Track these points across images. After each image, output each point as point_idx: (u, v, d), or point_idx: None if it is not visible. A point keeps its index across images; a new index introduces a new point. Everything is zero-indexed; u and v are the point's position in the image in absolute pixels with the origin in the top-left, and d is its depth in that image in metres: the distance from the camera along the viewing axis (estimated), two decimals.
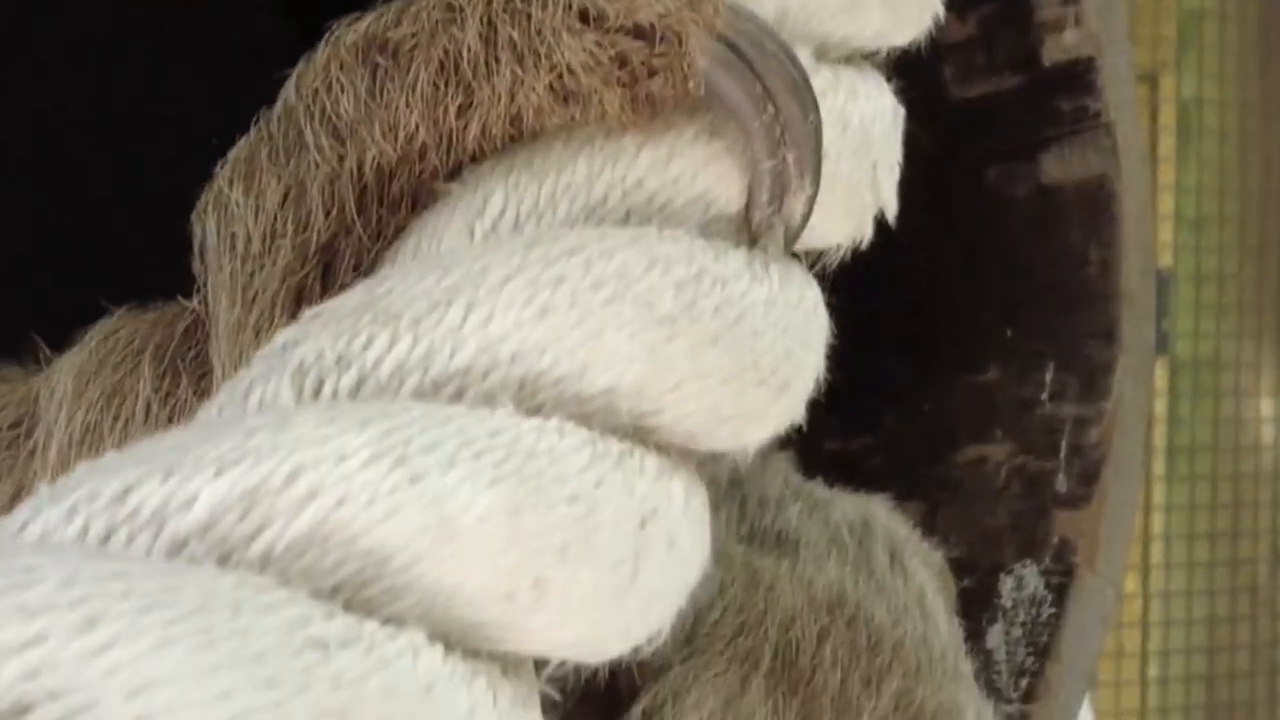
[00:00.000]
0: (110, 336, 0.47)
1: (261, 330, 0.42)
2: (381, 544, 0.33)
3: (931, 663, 0.61)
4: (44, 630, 0.28)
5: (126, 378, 0.46)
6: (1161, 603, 2.37)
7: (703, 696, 0.57)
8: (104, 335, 0.47)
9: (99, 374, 0.47)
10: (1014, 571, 0.83)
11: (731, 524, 0.64)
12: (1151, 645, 2.39)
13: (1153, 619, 2.38)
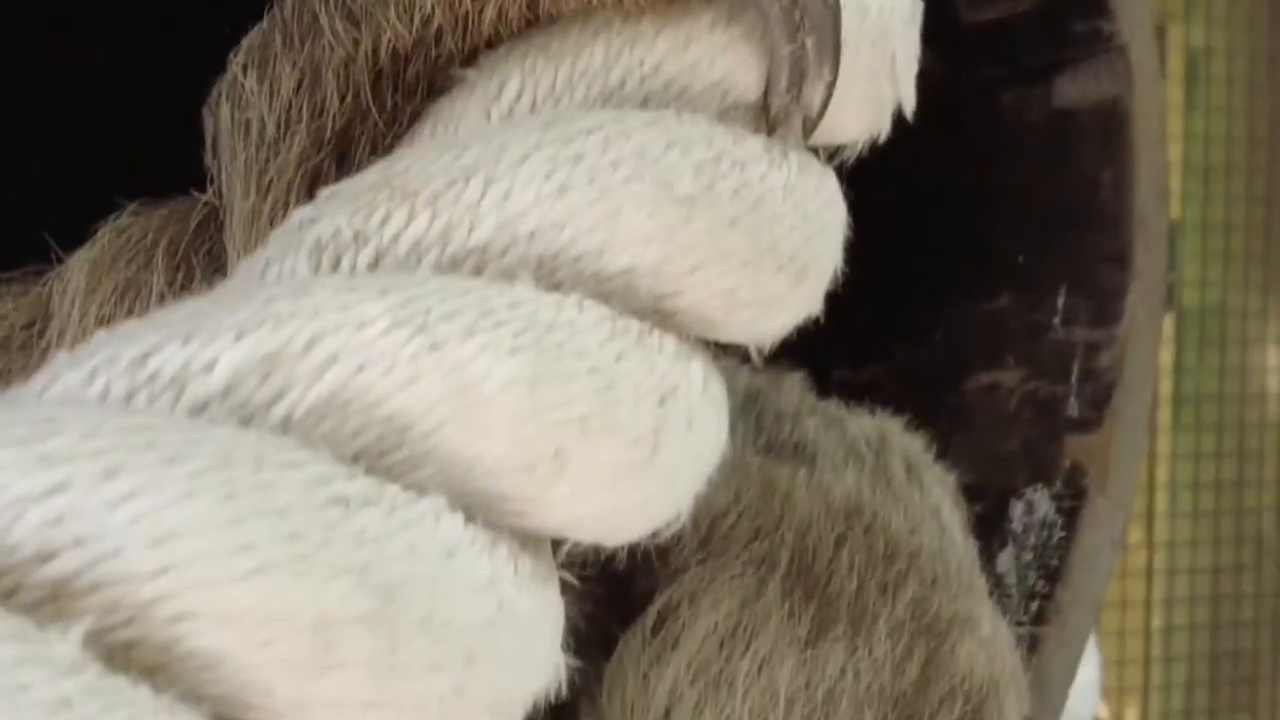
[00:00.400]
0: (123, 232, 0.47)
1: (276, 218, 0.42)
2: (401, 411, 0.33)
3: (948, 574, 0.61)
4: (66, 478, 0.27)
5: (140, 272, 0.46)
6: (1166, 552, 2.37)
7: (719, 598, 0.57)
8: (117, 231, 0.47)
9: (112, 269, 0.46)
10: (1024, 496, 0.82)
11: (748, 436, 0.64)
12: (1156, 594, 2.39)
13: (1157, 568, 2.38)
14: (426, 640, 0.31)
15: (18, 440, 0.28)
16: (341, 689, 0.30)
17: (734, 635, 0.56)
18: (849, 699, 0.55)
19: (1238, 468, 2.43)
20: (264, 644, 0.29)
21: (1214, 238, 2.37)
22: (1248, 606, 2.44)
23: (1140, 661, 2.40)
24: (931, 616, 0.58)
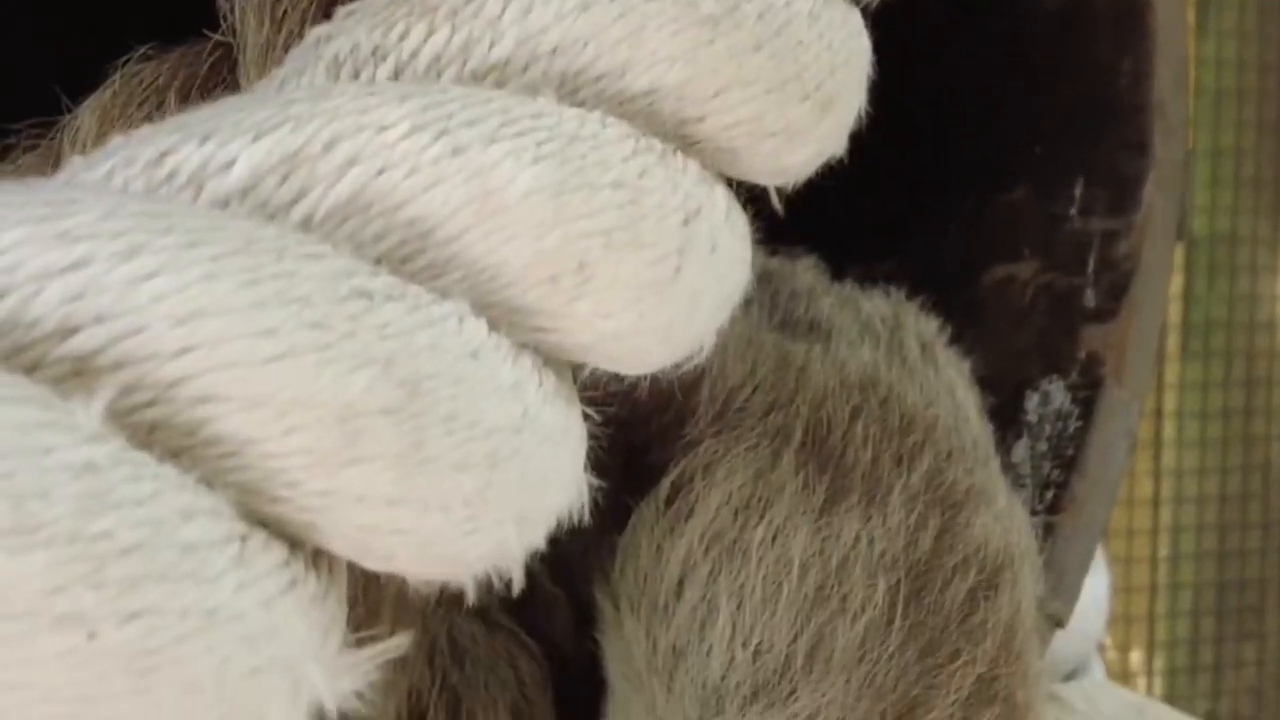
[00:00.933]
0: (134, 76, 0.46)
1: (292, 49, 0.41)
2: (424, 214, 0.32)
3: (963, 448, 0.61)
4: (87, 255, 0.27)
5: (152, 115, 0.45)
6: (1173, 480, 2.37)
7: (733, 469, 0.56)
8: (128, 76, 0.47)
9: (124, 114, 0.46)
10: (1040, 388, 0.82)
11: (762, 314, 0.64)
12: (1163, 522, 2.39)
13: (1164, 496, 2.38)
14: (452, 439, 0.31)
15: (36, 218, 0.27)
16: (367, 483, 0.29)
17: (748, 505, 0.56)
18: (862, 566, 0.55)
19: (1246, 396, 2.42)
20: (289, 431, 0.28)
21: (1225, 164, 2.36)
22: (1255, 535, 2.44)
23: (1146, 589, 2.40)
24: (947, 488, 0.58)
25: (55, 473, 0.24)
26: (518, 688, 0.62)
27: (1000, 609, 0.57)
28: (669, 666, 0.56)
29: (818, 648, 0.54)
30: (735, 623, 0.54)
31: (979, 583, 0.56)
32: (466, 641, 0.62)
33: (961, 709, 0.55)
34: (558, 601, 0.65)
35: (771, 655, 0.54)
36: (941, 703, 0.54)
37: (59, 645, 0.24)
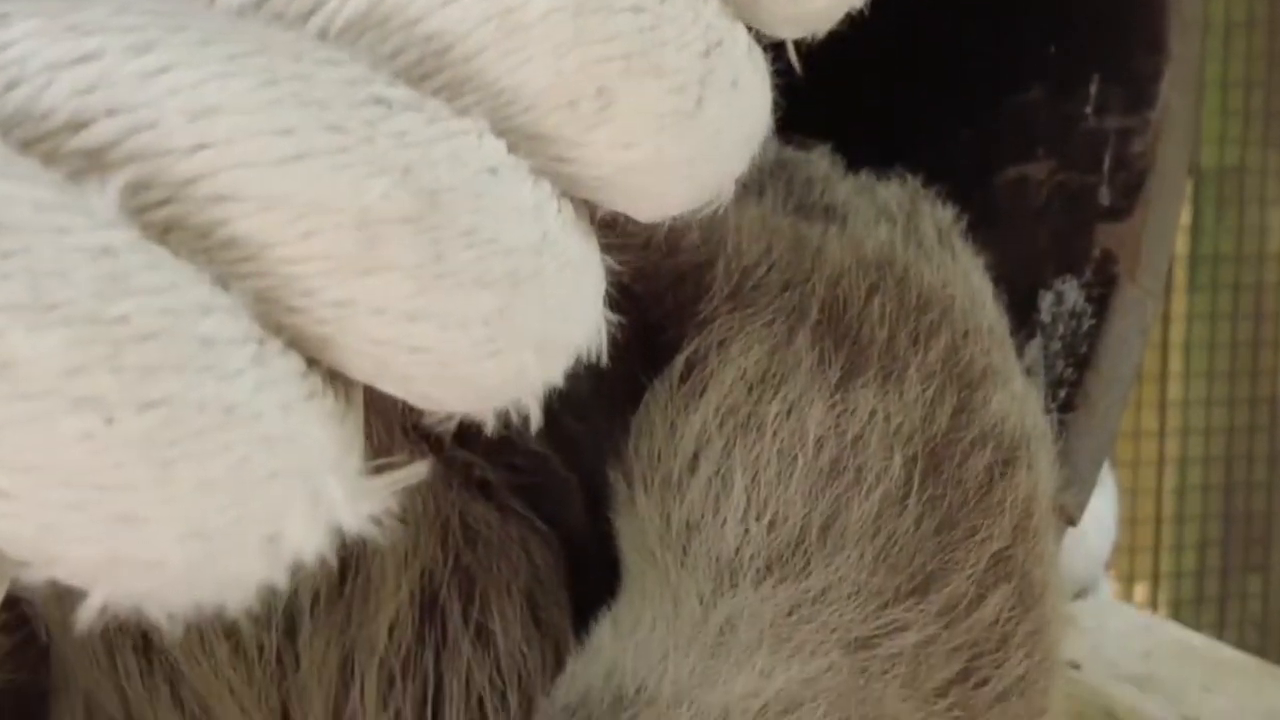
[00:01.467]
0: None
1: None
2: (441, 30, 0.31)
3: (980, 329, 0.60)
4: (98, 48, 0.26)
5: None
6: (1180, 412, 2.36)
7: (748, 345, 0.56)
8: None
9: None
10: (1053, 288, 0.81)
11: (777, 200, 0.63)
12: (1169, 454, 2.39)
13: (1170, 428, 2.38)
14: (471, 253, 0.30)
15: (47, 12, 0.26)
16: (385, 294, 0.29)
17: (763, 380, 0.55)
18: (878, 440, 0.54)
19: (1254, 328, 2.42)
20: (306, 235, 0.28)
21: (1234, 96, 2.34)
22: (1261, 468, 2.44)
23: (1151, 521, 2.40)
24: (963, 366, 0.57)
25: (72, 254, 0.24)
26: (531, 572, 0.62)
27: (1017, 487, 0.56)
28: (682, 541, 0.56)
29: (832, 521, 0.53)
30: (749, 496, 0.54)
31: (996, 459, 0.56)
32: (479, 525, 0.62)
33: (976, 584, 0.55)
34: (570, 486, 0.64)
35: (786, 529, 0.54)
36: (957, 577, 0.54)
37: (77, 428, 0.24)
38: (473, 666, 0.60)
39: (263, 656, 0.58)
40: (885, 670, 0.53)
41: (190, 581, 0.28)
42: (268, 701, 0.59)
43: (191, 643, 0.57)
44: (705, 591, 0.55)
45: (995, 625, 0.55)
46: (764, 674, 0.54)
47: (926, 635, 0.54)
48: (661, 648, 0.57)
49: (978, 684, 0.55)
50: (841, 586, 0.54)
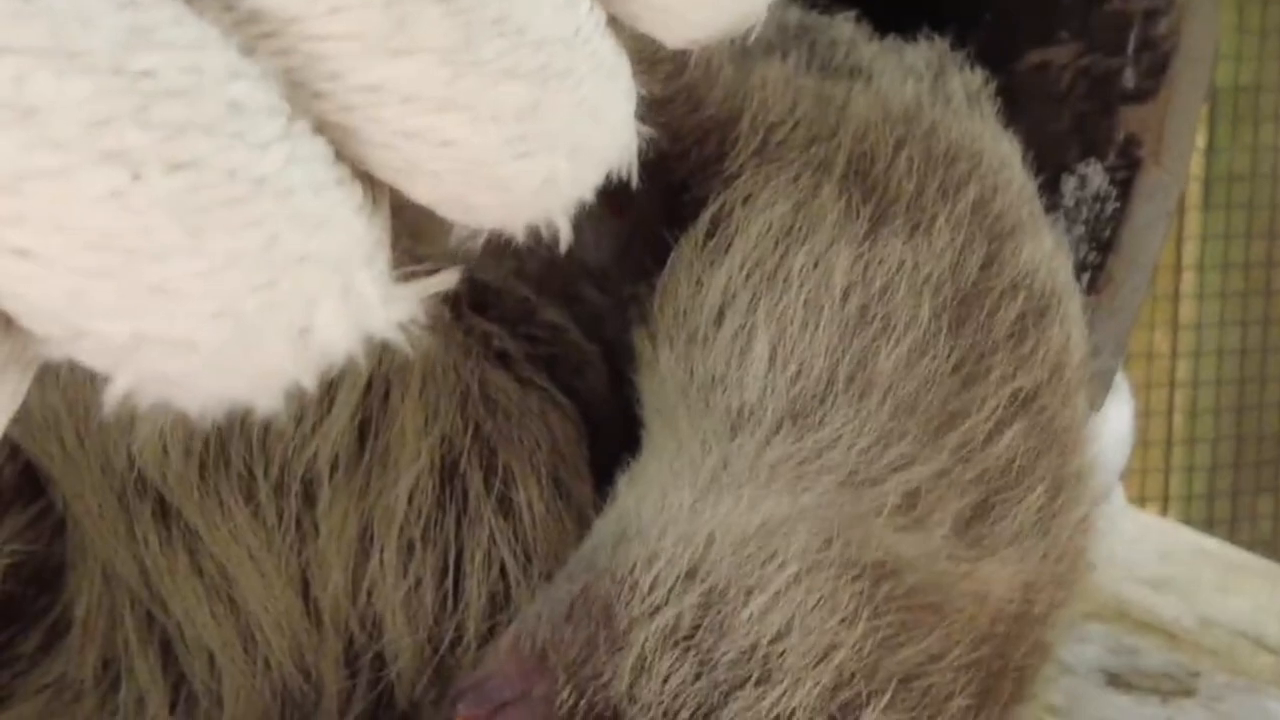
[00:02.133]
0: None
1: None
2: None
3: (1010, 184, 0.59)
4: None
5: None
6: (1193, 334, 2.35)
7: (773, 199, 0.55)
8: None
9: None
10: (1076, 172, 0.80)
11: (801, 63, 0.62)
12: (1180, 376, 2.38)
13: (1183, 350, 2.37)
14: (502, 41, 0.29)
15: None
16: (414, 80, 0.28)
17: (789, 233, 0.55)
18: (907, 288, 0.54)
19: (1268, 248, 2.40)
20: (333, 10, 0.27)
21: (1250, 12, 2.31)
22: (1274, 389, 2.43)
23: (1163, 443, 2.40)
24: (993, 218, 0.56)
25: (94, 1, 0.23)
26: (552, 444, 0.62)
27: (1050, 338, 0.56)
28: (704, 395, 0.55)
29: (859, 370, 0.53)
30: (775, 348, 0.53)
31: (1028, 310, 0.55)
32: (498, 396, 0.61)
33: (994, 420, 0.54)
34: (591, 359, 0.64)
35: (810, 379, 0.53)
36: (976, 415, 0.53)
37: (104, 184, 0.23)
38: (495, 536, 0.60)
39: (282, 523, 0.58)
40: (882, 505, 0.53)
41: (219, 369, 0.27)
42: (287, 569, 0.58)
43: (210, 508, 0.57)
44: (712, 440, 0.55)
45: (1012, 461, 0.55)
46: (751, 504, 0.53)
47: (938, 469, 0.53)
48: (661, 490, 0.56)
49: (994, 521, 0.54)
50: (853, 435, 0.53)
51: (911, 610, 0.52)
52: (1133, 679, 0.93)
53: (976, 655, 0.53)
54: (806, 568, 0.52)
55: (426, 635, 0.59)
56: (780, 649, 0.51)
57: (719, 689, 0.51)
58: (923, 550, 0.53)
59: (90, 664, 0.63)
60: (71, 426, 0.57)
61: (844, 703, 0.51)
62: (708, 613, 0.52)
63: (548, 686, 0.52)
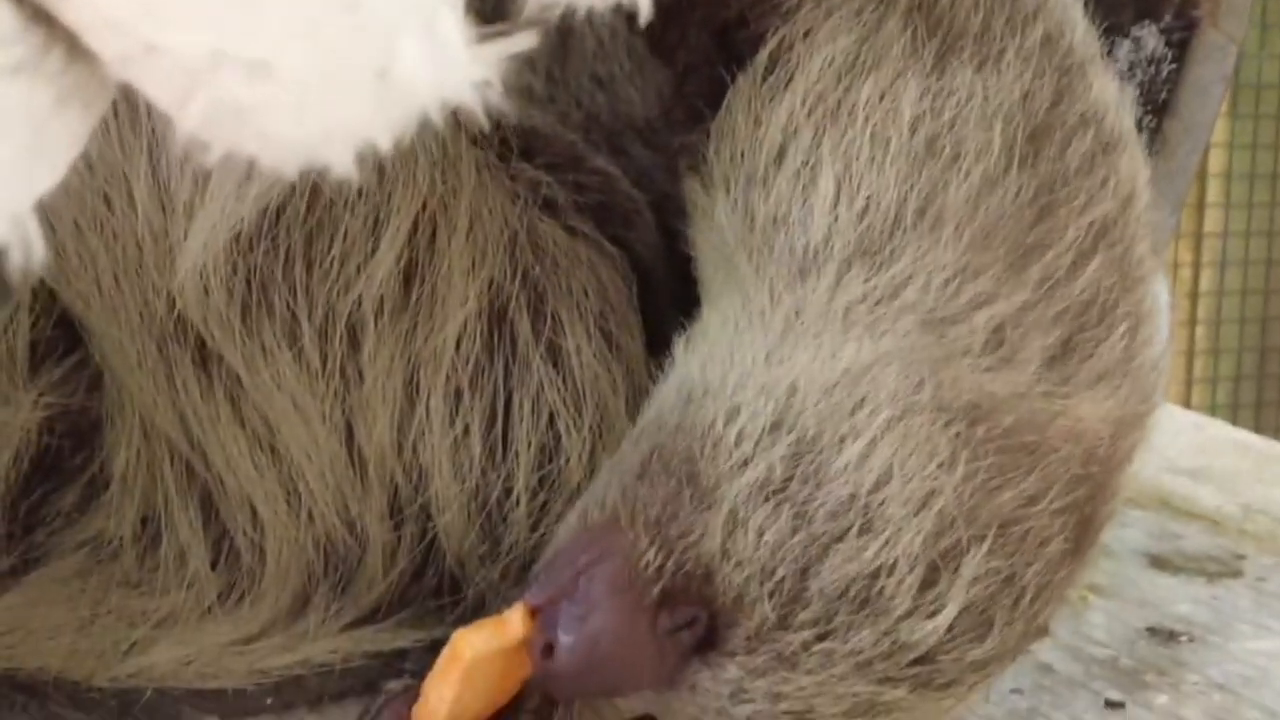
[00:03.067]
0: None
1: None
2: None
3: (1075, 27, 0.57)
4: None
5: None
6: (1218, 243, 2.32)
7: (835, 33, 0.53)
8: None
9: None
10: (1131, 34, 0.78)
11: None
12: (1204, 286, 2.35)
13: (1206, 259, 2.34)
14: None
15: None
16: None
17: (852, 67, 0.52)
18: (977, 118, 0.52)
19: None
20: None
21: None
22: None
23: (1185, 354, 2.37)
24: (1063, 54, 0.54)
25: None
26: (600, 294, 0.60)
27: (1120, 170, 0.54)
28: (767, 239, 0.53)
29: (929, 203, 0.51)
30: (840, 184, 0.51)
31: (1099, 145, 0.53)
32: (547, 244, 0.59)
33: (1076, 252, 0.52)
34: (639, 208, 0.62)
35: (879, 214, 0.51)
36: (1056, 246, 0.52)
37: None
38: (544, 384, 0.58)
39: (326, 369, 0.56)
40: (968, 344, 0.51)
41: (297, 104, 0.25)
42: (331, 417, 0.57)
43: (252, 353, 0.55)
44: (779, 288, 0.53)
45: (1095, 298, 0.53)
46: (832, 351, 0.51)
47: (1022, 303, 0.52)
48: (728, 348, 0.55)
49: (1081, 359, 0.53)
50: (928, 271, 0.51)
51: (1008, 452, 0.51)
52: (1177, 561, 0.91)
53: (1072, 498, 0.52)
54: (899, 413, 0.51)
55: (474, 486, 0.58)
56: (880, 497, 0.50)
57: (818, 542, 0.50)
58: (1014, 389, 0.51)
59: (129, 520, 0.61)
60: (109, 268, 0.55)
61: (945, 550, 0.50)
62: (800, 464, 0.50)
63: (627, 545, 0.51)
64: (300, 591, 0.60)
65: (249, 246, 0.53)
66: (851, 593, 0.49)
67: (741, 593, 0.50)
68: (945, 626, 0.50)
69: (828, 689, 0.50)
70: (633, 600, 0.50)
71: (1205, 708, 0.75)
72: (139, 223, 0.54)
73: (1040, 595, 0.52)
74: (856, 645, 0.50)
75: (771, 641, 0.50)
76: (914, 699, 0.51)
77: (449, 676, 0.53)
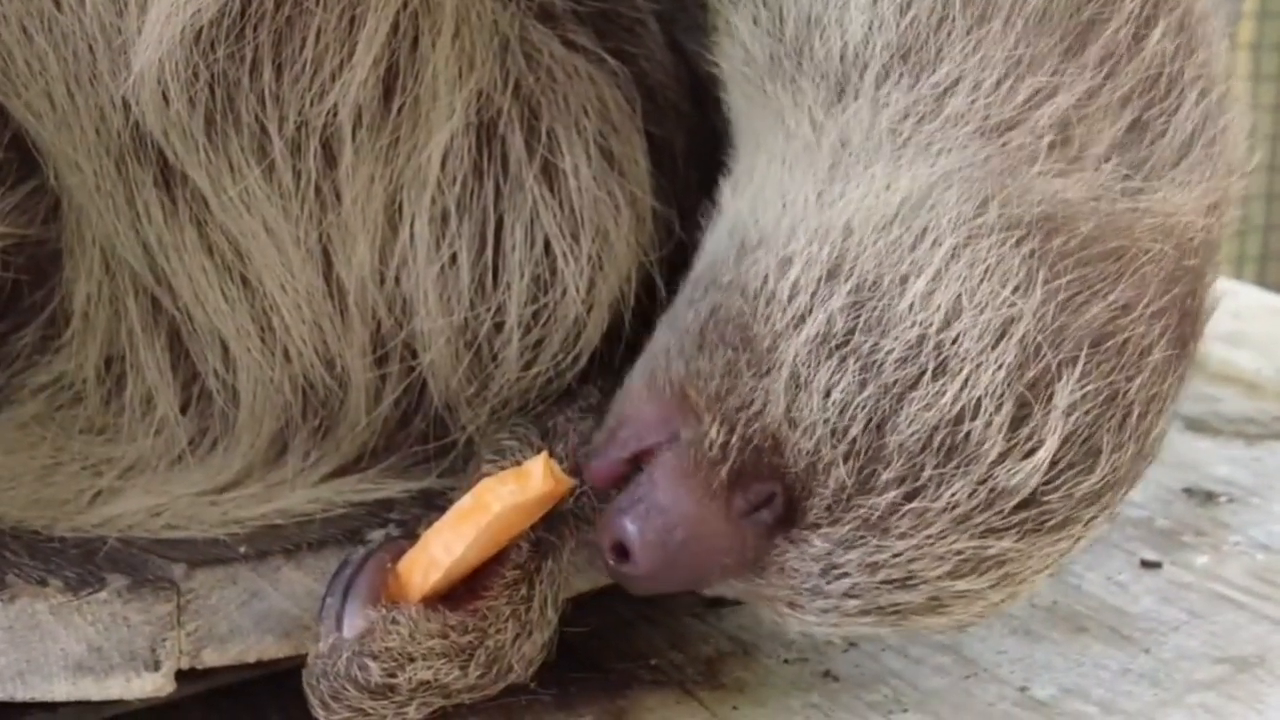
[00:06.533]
0: None
1: None
2: None
3: None
4: None
5: None
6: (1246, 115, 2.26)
7: None
8: None
9: None
10: None
11: None
12: None
13: None
14: None
15: None
16: None
17: None
18: None
19: None
20: None
21: None
22: None
23: None
24: None
25: None
26: (600, 111, 0.54)
27: None
28: (798, 48, 0.48)
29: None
30: None
31: None
32: (541, 54, 0.54)
33: (1135, 22, 0.47)
34: (644, 18, 0.56)
35: (924, 5, 0.46)
36: (1115, 19, 0.47)
37: None
38: (538, 208, 0.53)
39: (299, 188, 0.51)
40: (1033, 149, 0.47)
41: None
42: (306, 242, 0.51)
43: (219, 170, 0.50)
44: (819, 113, 0.48)
45: (1161, 69, 0.48)
46: (886, 181, 0.47)
47: (1085, 90, 0.47)
48: (777, 188, 0.50)
49: (1155, 137, 0.48)
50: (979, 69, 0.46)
51: (1092, 262, 0.47)
52: (1214, 424, 0.87)
53: (1170, 297, 0.48)
54: (964, 239, 0.47)
55: (463, 320, 0.53)
56: (952, 334, 0.46)
57: (890, 393, 0.46)
58: (1090, 191, 0.47)
59: (92, 361, 0.57)
60: (60, 75, 0.50)
61: (1033, 380, 0.46)
62: (861, 311, 0.47)
63: (694, 428, 0.47)
64: (277, 436, 0.55)
65: (210, 47, 0.48)
66: (935, 443, 0.46)
67: (815, 459, 0.46)
68: (1046, 463, 0.46)
69: (926, 551, 0.47)
70: (701, 486, 0.47)
71: (1248, 567, 0.70)
72: (88, 19, 0.48)
73: (1150, 409, 0.48)
74: (951, 499, 0.46)
75: (855, 508, 0.47)
76: (1025, 546, 0.47)
77: (466, 527, 0.50)
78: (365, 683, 0.48)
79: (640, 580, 0.48)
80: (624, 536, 0.47)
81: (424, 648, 0.48)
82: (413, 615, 0.49)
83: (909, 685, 0.59)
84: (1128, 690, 0.59)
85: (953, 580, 0.47)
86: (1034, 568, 0.48)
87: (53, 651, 0.50)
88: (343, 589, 0.49)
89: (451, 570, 0.50)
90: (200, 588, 0.52)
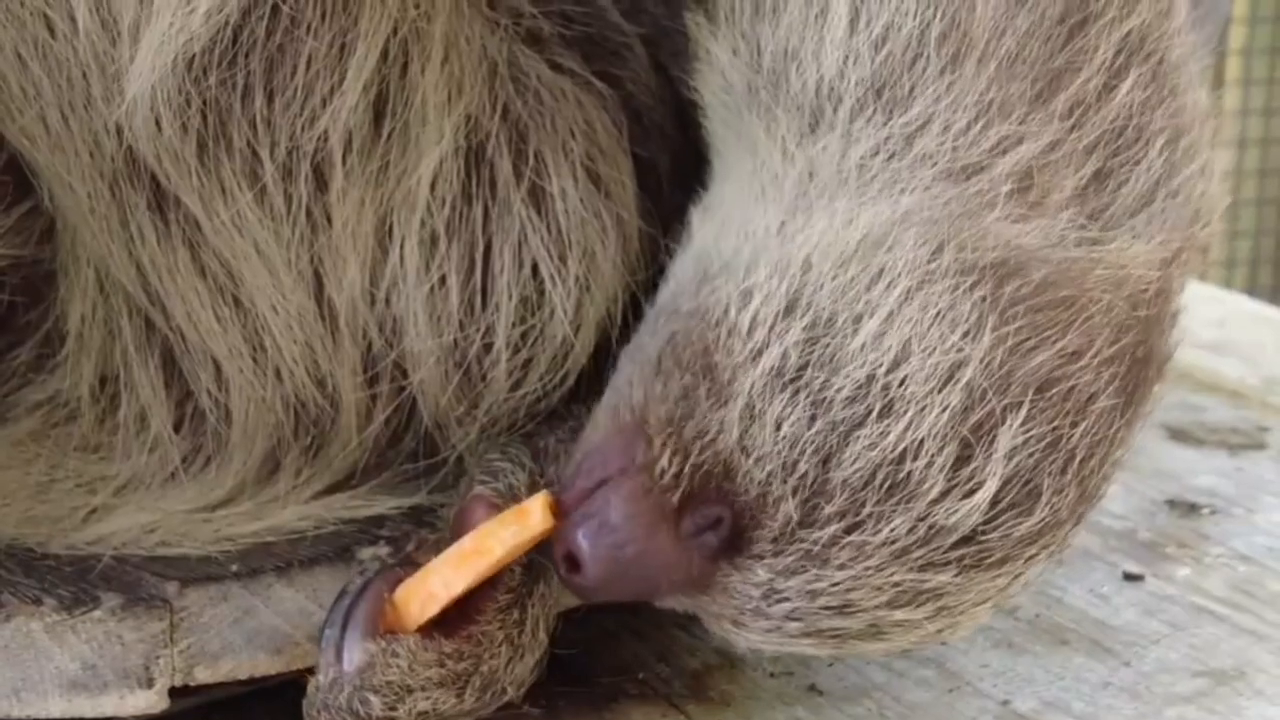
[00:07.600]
0: None
1: None
2: None
3: None
4: None
5: None
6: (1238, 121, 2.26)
7: None
8: None
9: None
10: None
11: None
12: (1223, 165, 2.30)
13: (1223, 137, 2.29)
14: None
15: None
16: None
17: None
18: None
19: None
20: None
21: None
22: None
23: None
24: None
25: None
26: (588, 134, 0.55)
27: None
28: (775, 78, 0.49)
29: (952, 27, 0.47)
30: (857, 8, 0.47)
31: None
32: (529, 78, 0.55)
33: (1107, 72, 0.48)
34: (631, 43, 0.57)
35: (899, 41, 0.47)
36: (1086, 68, 0.48)
37: None
38: (526, 230, 0.54)
39: (290, 211, 0.51)
40: (993, 195, 0.47)
41: None
42: (298, 264, 0.52)
43: (211, 194, 0.51)
44: (791, 144, 0.49)
45: (1129, 119, 0.49)
46: (847, 217, 0.48)
47: (1050, 140, 0.48)
48: (741, 217, 0.51)
49: (1117, 184, 0.49)
50: (950, 110, 0.47)
51: (1042, 309, 0.48)
52: (1197, 433, 0.88)
53: (1119, 346, 0.49)
54: (918, 282, 0.47)
55: (452, 340, 0.54)
56: (899, 376, 0.47)
57: (837, 430, 0.47)
58: (1046, 239, 0.48)
59: (86, 379, 0.57)
60: (54, 101, 0.51)
61: (977, 423, 0.47)
62: (815, 348, 0.48)
63: (649, 453, 0.49)
64: (269, 455, 0.56)
65: (203, 74, 0.49)
66: (877, 480, 0.47)
67: (764, 490, 0.48)
68: (986, 504, 0.47)
69: (865, 581, 0.48)
70: (653, 508, 0.48)
71: (1229, 580, 0.71)
72: (82, 46, 0.49)
73: (1094, 454, 0.49)
74: (890, 534, 0.47)
75: (799, 540, 0.48)
76: (963, 581, 0.48)
77: (467, 568, 0.51)
78: (367, 716, 0.49)
79: (588, 592, 0.50)
80: (575, 550, 0.48)
81: (422, 678, 0.49)
82: (411, 647, 0.50)
83: (892, 699, 0.60)
84: (1108, 704, 0.60)
85: (890, 610, 0.48)
86: (972, 601, 0.49)
87: (47, 669, 0.51)
88: (341, 620, 0.50)
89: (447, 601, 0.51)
90: (193, 605, 0.53)
